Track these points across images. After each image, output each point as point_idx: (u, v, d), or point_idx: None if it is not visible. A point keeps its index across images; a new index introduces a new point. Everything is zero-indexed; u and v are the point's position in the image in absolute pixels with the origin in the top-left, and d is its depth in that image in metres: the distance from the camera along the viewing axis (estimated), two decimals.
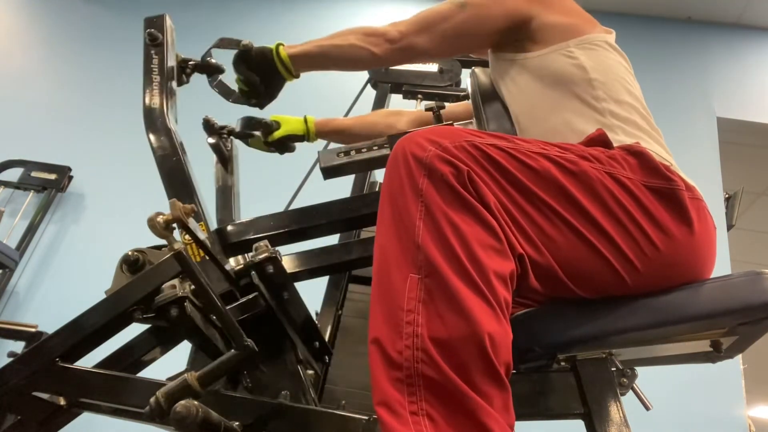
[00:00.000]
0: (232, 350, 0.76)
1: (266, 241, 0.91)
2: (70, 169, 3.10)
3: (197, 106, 1.58)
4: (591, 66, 0.97)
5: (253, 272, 0.90)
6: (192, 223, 0.77)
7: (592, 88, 0.95)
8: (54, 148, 3.18)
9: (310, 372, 1.04)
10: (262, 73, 1.16)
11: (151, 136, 1.08)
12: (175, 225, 0.74)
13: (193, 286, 0.78)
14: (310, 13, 3.63)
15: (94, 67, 3.54)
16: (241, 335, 0.76)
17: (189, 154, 1.10)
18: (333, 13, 3.58)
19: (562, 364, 0.87)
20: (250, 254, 0.90)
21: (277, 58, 1.14)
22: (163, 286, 0.79)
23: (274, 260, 0.88)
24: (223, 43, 1.22)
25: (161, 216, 0.73)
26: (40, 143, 3.24)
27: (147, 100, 1.12)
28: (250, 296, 0.91)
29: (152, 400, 0.69)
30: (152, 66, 1.16)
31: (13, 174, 3.07)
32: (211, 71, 1.27)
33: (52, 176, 3.05)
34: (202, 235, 0.82)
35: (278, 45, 1.15)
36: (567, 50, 0.99)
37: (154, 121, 1.09)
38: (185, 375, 0.72)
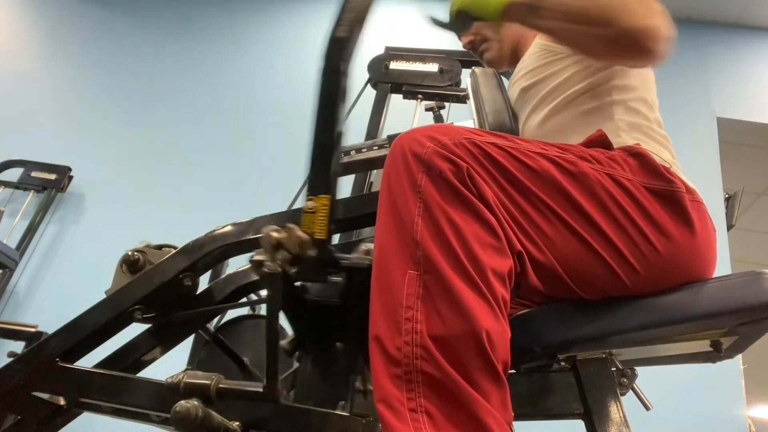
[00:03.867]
0: (261, 387, 0.75)
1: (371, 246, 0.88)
2: (70, 169, 3.10)
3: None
4: (618, 71, 0.97)
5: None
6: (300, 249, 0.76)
7: (609, 94, 0.96)
8: (54, 148, 3.18)
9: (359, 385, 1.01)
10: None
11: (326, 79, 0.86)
12: (280, 251, 0.74)
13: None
14: (311, 12, 3.63)
15: (94, 67, 3.54)
16: (276, 378, 0.76)
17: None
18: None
19: (562, 364, 0.87)
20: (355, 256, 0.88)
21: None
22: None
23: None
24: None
25: (276, 234, 0.73)
26: (40, 143, 3.24)
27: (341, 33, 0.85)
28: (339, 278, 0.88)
29: (173, 380, 0.69)
30: None
31: (13, 174, 3.07)
32: None
33: (52, 176, 3.06)
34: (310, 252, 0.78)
35: None
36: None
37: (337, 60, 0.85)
38: (213, 377, 0.72)
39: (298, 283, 0.91)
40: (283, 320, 0.88)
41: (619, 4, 0.83)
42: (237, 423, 0.77)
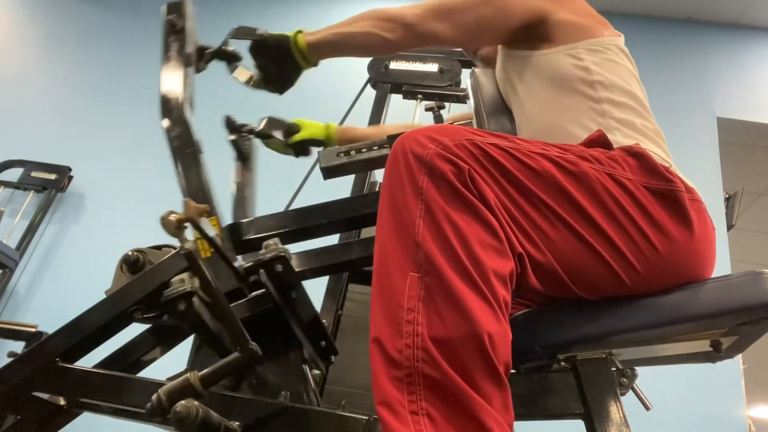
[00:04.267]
0: (236, 353, 0.75)
1: (276, 240, 0.90)
2: (70, 169, 3.10)
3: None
4: (596, 68, 0.97)
5: (262, 270, 0.90)
6: (203, 221, 0.77)
7: (593, 90, 0.95)
8: (54, 148, 3.18)
9: (316, 372, 1.03)
10: (279, 62, 1.16)
11: (166, 124, 1.06)
12: (187, 224, 0.73)
13: (201, 283, 0.77)
14: (311, 10, 3.63)
15: (93, 67, 3.54)
16: (245, 337, 0.76)
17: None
18: (333, 12, 3.58)
19: (562, 364, 0.87)
20: (261, 252, 0.90)
21: (295, 47, 1.13)
22: (172, 280, 0.78)
23: (283, 259, 0.88)
24: (239, 33, 1.21)
25: (174, 215, 0.72)
26: (40, 143, 3.24)
27: (164, 87, 1.09)
28: (258, 293, 0.90)
29: (153, 398, 0.69)
30: (170, 53, 1.13)
31: (13, 174, 3.07)
32: (230, 59, 1.28)
33: (52, 176, 3.06)
34: (213, 232, 0.82)
35: (297, 33, 1.14)
36: (575, 51, 0.99)
37: (170, 109, 1.07)
38: (188, 374, 0.72)
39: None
40: None
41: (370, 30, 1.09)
42: (237, 423, 0.77)
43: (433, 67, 1.83)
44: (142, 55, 3.55)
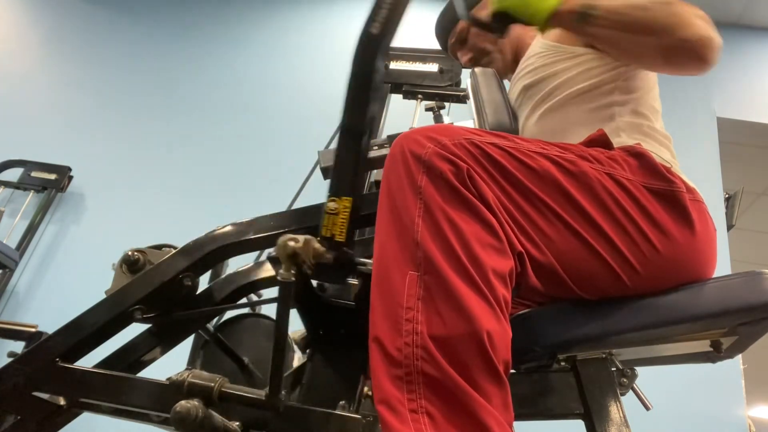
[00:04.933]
0: (264, 394, 0.75)
1: None
2: (70, 169, 3.09)
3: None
4: (622, 71, 0.98)
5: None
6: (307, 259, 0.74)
7: (611, 94, 0.96)
8: (54, 148, 3.18)
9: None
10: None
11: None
12: (296, 260, 0.72)
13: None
14: (312, 14, 3.63)
15: (94, 67, 3.54)
16: (279, 388, 0.75)
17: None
18: (334, 13, 3.58)
19: (562, 364, 0.87)
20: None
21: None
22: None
23: None
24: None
25: (293, 242, 0.71)
26: (40, 143, 3.24)
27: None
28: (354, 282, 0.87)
29: (178, 377, 0.69)
30: None
31: (13, 174, 3.07)
32: None
33: (52, 176, 3.05)
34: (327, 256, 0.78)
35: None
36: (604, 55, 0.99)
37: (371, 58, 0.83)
38: (217, 378, 0.72)
39: (315, 282, 0.91)
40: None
41: (675, 13, 0.85)
42: (237, 423, 0.77)
43: (433, 67, 1.83)
44: (143, 55, 3.55)
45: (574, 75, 1.00)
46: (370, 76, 0.82)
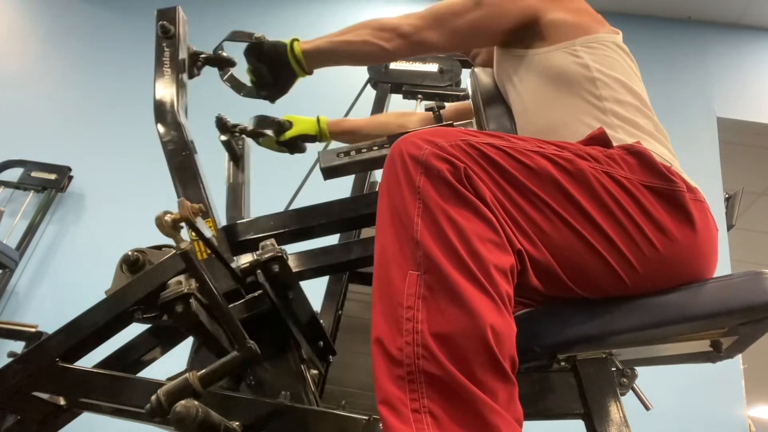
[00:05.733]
0: (234, 351, 0.75)
1: (273, 240, 0.91)
2: (70, 169, 3.10)
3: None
4: (595, 65, 0.97)
5: (259, 271, 0.90)
6: (199, 222, 0.77)
7: (595, 87, 0.95)
8: (54, 148, 3.18)
9: (314, 372, 1.03)
10: (273, 67, 1.15)
11: (161, 130, 1.08)
12: (183, 224, 0.73)
13: (198, 284, 0.78)
14: (312, 11, 3.63)
15: (94, 67, 3.54)
16: (244, 336, 0.76)
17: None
18: (334, 12, 3.58)
19: (562, 364, 0.87)
20: (257, 252, 0.90)
21: (291, 53, 1.13)
22: (169, 282, 0.78)
23: (280, 259, 0.88)
24: (235, 36, 1.21)
25: (169, 215, 0.72)
26: (40, 143, 3.24)
27: (158, 93, 1.10)
28: (255, 294, 0.90)
29: (153, 398, 0.69)
30: (164, 58, 1.14)
31: (13, 174, 3.07)
32: (223, 64, 1.27)
33: (52, 176, 3.06)
34: (209, 233, 0.82)
35: (293, 40, 1.14)
36: (572, 49, 0.99)
37: (164, 114, 1.08)
38: (186, 374, 0.72)
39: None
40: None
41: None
42: (237, 423, 0.77)
43: (433, 67, 1.83)
44: (143, 55, 3.54)
45: (542, 76, 1.01)
46: None
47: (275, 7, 3.70)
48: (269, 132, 1.47)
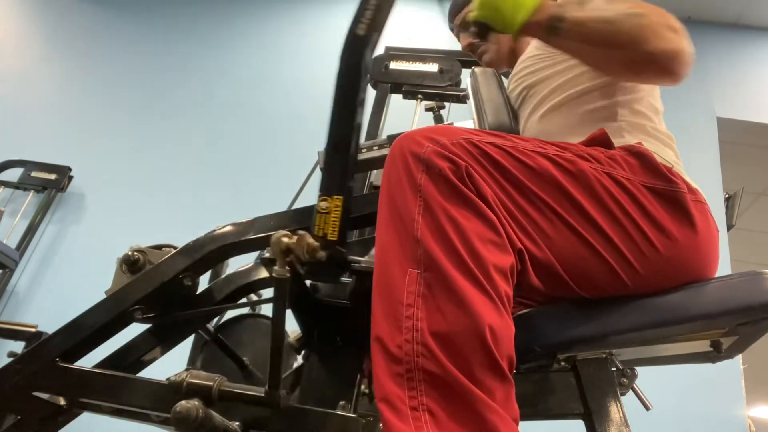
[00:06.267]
0: (264, 391, 0.75)
1: None
2: (70, 169, 3.10)
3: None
4: None
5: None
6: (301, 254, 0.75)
7: (613, 94, 0.96)
8: (54, 148, 3.18)
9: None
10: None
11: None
12: (290, 256, 0.73)
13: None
14: (313, 12, 3.63)
15: (94, 67, 3.54)
16: (278, 384, 0.76)
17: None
18: (334, 11, 3.58)
19: (562, 364, 0.87)
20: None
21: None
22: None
23: None
24: None
25: (287, 239, 0.72)
26: (40, 143, 3.24)
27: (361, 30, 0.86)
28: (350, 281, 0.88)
29: (176, 377, 0.69)
30: None
31: (13, 174, 3.07)
32: None
33: (52, 176, 3.05)
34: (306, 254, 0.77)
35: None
36: None
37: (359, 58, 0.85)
38: (215, 377, 0.72)
39: (308, 282, 0.91)
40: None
41: (643, 25, 0.83)
42: (237, 423, 0.77)
43: (433, 67, 1.83)
44: (143, 55, 3.55)
45: (574, 75, 1.01)
46: (358, 77, 0.83)
47: (275, 6, 3.70)
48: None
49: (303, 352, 0.94)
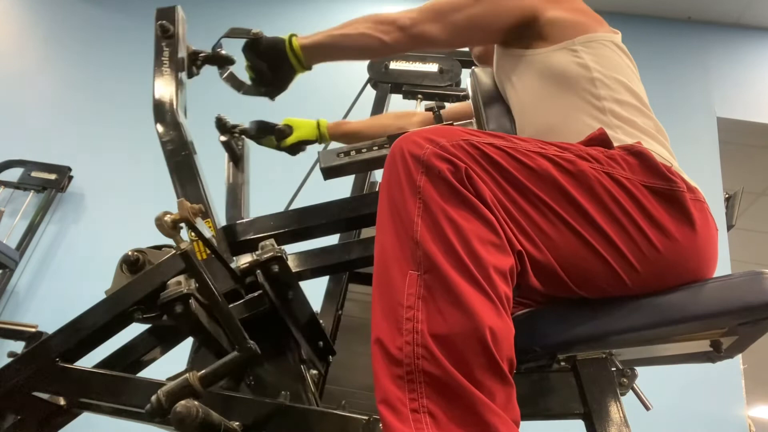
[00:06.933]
0: (235, 351, 0.76)
1: (272, 240, 0.91)
2: (70, 169, 3.10)
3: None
4: (594, 65, 0.97)
5: (258, 271, 0.90)
6: (199, 222, 0.77)
7: (594, 86, 0.95)
8: (54, 148, 3.18)
9: (314, 372, 1.03)
10: (272, 63, 1.15)
11: (160, 129, 1.08)
12: (182, 225, 0.74)
13: (197, 284, 0.78)
14: (314, 9, 3.63)
15: (94, 67, 3.54)
16: (244, 336, 0.76)
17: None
18: (333, 10, 3.58)
19: (562, 364, 0.87)
20: (257, 253, 0.90)
21: (290, 49, 1.13)
22: (169, 282, 0.79)
23: (280, 259, 0.88)
24: (234, 33, 1.20)
25: (169, 215, 0.73)
26: (40, 143, 3.24)
27: (157, 93, 1.10)
28: (255, 294, 0.90)
29: (153, 398, 0.69)
30: (163, 58, 1.14)
31: (13, 174, 3.07)
32: (222, 62, 1.27)
33: (52, 176, 3.06)
34: (208, 234, 0.82)
35: (291, 36, 1.14)
36: (572, 48, 0.99)
37: (163, 113, 1.08)
38: (187, 374, 0.72)
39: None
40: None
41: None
42: (237, 423, 0.77)
43: (433, 67, 1.83)
44: (143, 54, 3.54)
45: (541, 76, 1.01)
46: None
47: (275, 6, 3.70)
48: (269, 138, 1.48)
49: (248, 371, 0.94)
